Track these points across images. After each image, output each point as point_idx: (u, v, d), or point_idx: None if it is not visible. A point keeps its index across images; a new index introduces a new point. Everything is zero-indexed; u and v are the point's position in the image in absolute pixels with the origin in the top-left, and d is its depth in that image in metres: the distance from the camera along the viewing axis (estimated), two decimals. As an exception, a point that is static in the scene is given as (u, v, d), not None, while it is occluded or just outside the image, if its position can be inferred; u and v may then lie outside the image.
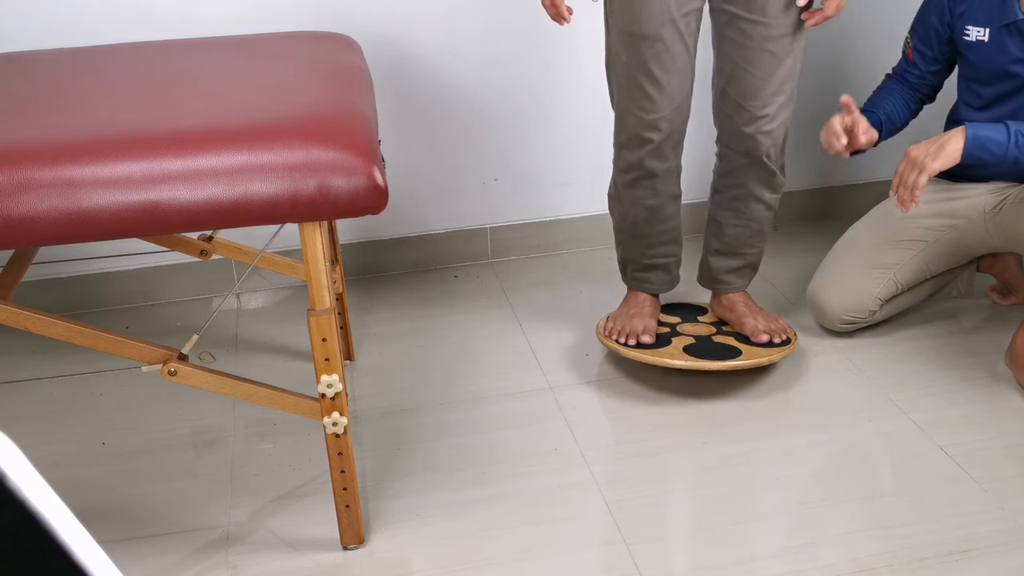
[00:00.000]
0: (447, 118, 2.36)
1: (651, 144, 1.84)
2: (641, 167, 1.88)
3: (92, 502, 1.70)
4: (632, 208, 1.95)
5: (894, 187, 1.80)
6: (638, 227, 1.97)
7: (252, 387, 1.48)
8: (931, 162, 1.74)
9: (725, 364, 1.88)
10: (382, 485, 1.72)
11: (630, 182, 1.92)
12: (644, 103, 1.80)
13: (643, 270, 2.03)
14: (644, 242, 1.99)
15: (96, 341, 1.43)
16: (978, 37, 1.87)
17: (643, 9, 1.73)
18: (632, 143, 1.86)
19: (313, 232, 1.36)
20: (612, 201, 2.01)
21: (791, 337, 1.99)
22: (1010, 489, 1.65)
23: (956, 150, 1.74)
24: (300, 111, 1.38)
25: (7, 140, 1.28)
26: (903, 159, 1.80)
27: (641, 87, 1.79)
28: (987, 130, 1.74)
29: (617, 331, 1.98)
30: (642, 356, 1.91)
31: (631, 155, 1.88)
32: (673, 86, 1.79)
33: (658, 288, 2.05)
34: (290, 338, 2.20)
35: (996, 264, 2.18)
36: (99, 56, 1.68)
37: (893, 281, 2.05)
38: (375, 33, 2.21)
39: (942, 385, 1.94)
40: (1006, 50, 1.84)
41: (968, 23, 1.88)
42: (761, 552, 1.54)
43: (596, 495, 1.67)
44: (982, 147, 1.73)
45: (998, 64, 1.87)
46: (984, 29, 1.85)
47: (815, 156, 2.59)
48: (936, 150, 1.75)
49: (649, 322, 1.99)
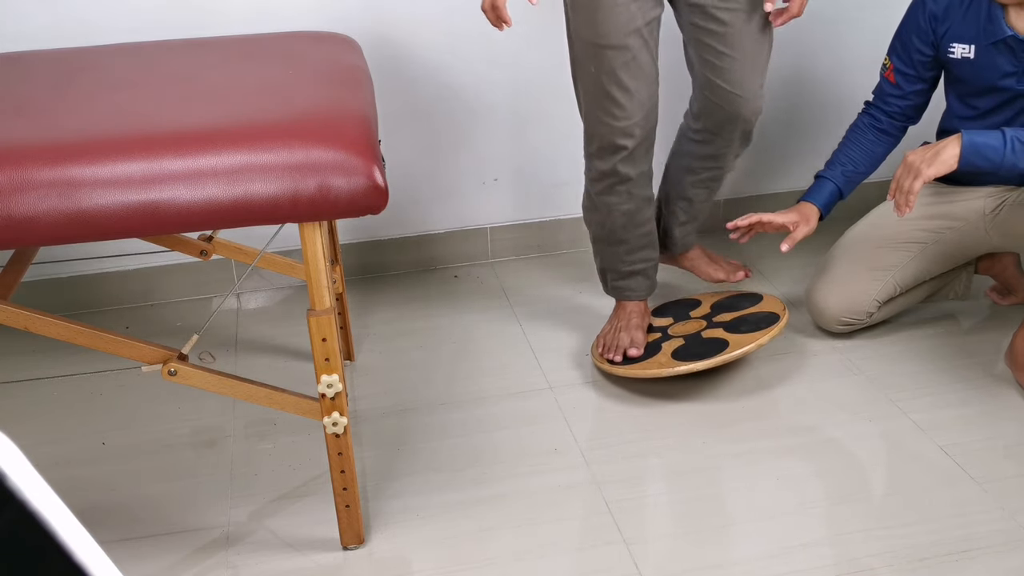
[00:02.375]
0: (447, 118, 2.36)
1: (624, 151, 1.86)
2: (615, 174, 1.89)
3: (92, 502, 1.71)
4: (608, 216, 1.96)
5: (891, 192, 1.81)
6: (615, 234, 1.99)
7: (252, 387, 1.48)
8: (927, 168, 1.74)
9: (711, 362, 1.88)
10: (382, 485, 1.72)
11: (604, 190, 1.93)
12: (615, 111, 1.82)
13: (623, 278, 2.04)
14: (623, 248, 2.00)
15: (96, 341, 1.42)
16: (963, 54, 1.85)
17: (608, 21, 1.75)
18: (604, 152, 1.88)
19: (313, 232, 1.36)
20: (587, 212, 2.02)
21: (746, 274, 2.21)
22: (1010, 489, 1.65)
23: (952, 157, 1.74)
24: (300, 111, 1.38)
25: (7, 140, 1.28)
26: (900, 164, 1.80)
27: (611, 96, 1.81)
28: (983, 136, 1.74)
29: (605, 346, 2.01)
30: (631, 371, 1.93)
31: (604, 163, 1.89)
32: (642, 92, 1.82)
33: (640, 295, 2.05)
34: (290, 338, 2.20)
35: (994, 265, 2.18)
36: (99, 56, 1.68)
37: (891, 283, 2.05)
38: (375, 33, 2.21)
39: (942, 385, 1.94)
40: (994, 66, 1.84)
41: (952, 41, 1.86)
42: (761, 552, 1.54)
43: (596, 495, 1.67)
44: (978, 154, 1.73)
45: (986, 80, 1.86)
46: (970, 46, 1.84)
47: (814, 157, 2.59)
48: (932, 156, 1.75)
49: (636, 334, 2.00)
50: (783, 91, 2.48)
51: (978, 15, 1.83)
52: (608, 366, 1.96)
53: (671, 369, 1.89)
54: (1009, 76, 1.83)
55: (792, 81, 2.49)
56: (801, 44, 2.44)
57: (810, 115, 2.56)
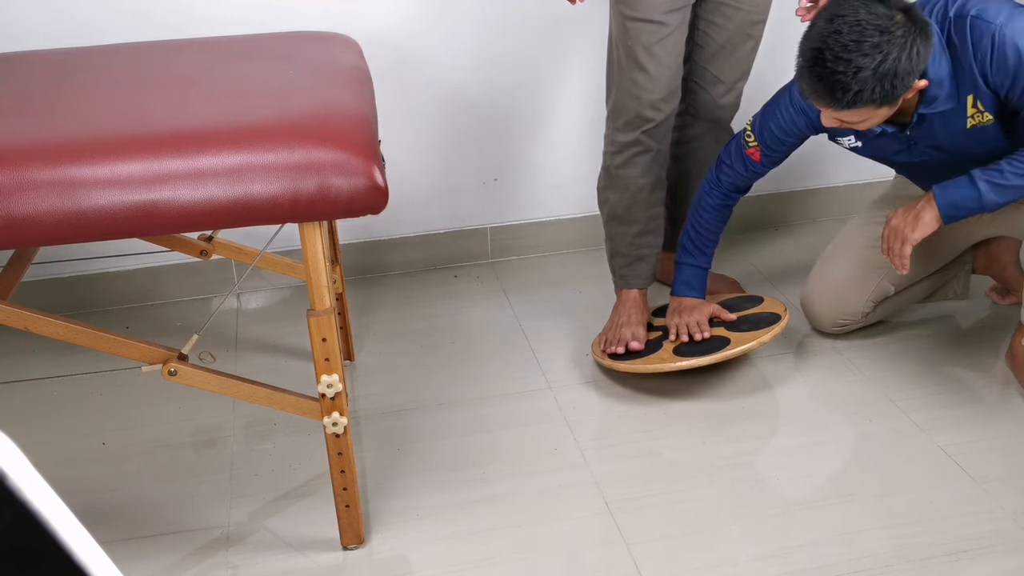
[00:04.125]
0: (447, 118, 2.36)
1: (651, 123, 1.94)
2: (638, 143, 1.96)
3: (92, 502, 1.71)
4: (624, 191, 2.02)
5: (884, 252, 1.81)
6: (630, 211, 2.03)
7: (252, 387, 1.48)
8: (911, 232, 1.75)
9: (712, 358, 1.88)
10: (382, 485, 1.72)
11: (625, 162, 1.99)
12: (647, 84, 1.90)
13: (630, 263, 2.07)
14: (634, 229, 2.04)
15: (96, 341, 1.42)
16: (851, 144, 1.84)
17: None
18: (630, 126, 1.96)
19: (313, 232, 1.36)
20: (604, 192, 2.08)
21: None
22: (1010, 489, 1.65)
23: (933, 219, 1.73)
24: (300, 111, 1.38)
25: (7, 140, 1.28)
26: (885, 225, 1.80)
27: (645, 70, 1.88)
28: (955, 190, 1.71)
29: (606, 341, 2.02)
30: (632, 367, 1.93)
31: (627, 135, 1.97)
32: (672, 70, 1.91)
33: (641, 283, 2.08)
34: (290, 338, 2.20)
35: (992, 265, 2.17)
36: (99, 56, 1.68)
37: (886, 281, 2.05)
38: (375, 33, 2.21)
39: (942, 385, 1.94)
40: (883, 148, 1.82)
41: (835, 135, 1.84)
42: (761, 552, 1.54)
43: (596, 495, 1.67)
44: (956, 207, 1.72)
45: (884, 157, 1.87)
46: (853, 136, 1.81)
47: (813, 157, 2.59)
48: (913, 220, 1.74)
49: (637, 329, 2.02)
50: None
51: None
52: (609, 361, 1.96)
53: (672, 364, 1.89)
54: (900, 153, 1.82)
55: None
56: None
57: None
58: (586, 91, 2.39)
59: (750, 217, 2.60)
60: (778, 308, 2.03)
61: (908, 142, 1.78)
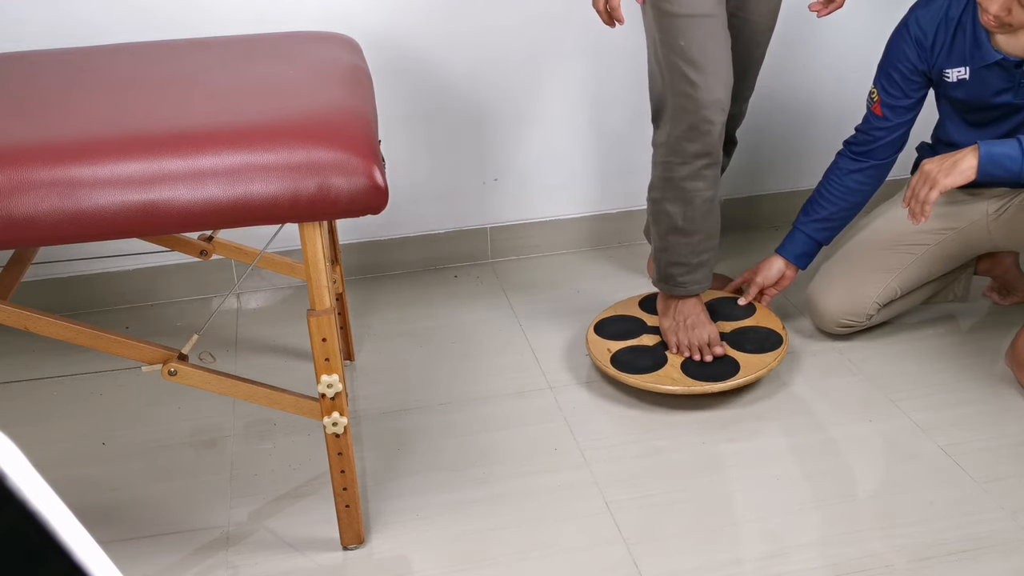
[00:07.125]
0: (447, 118, 2.36)
1: (713, 127, 1.83)
2: (708, 154, 1.86)
3: (92, 502, 1.71)
4: (689, 204, 1.91)
5: (906, 200, 1.79)
6: (694, 223, 1.93)
7: (252, 387, 1.48)
8: (944, 178, 1.72)
9: (724, 385, 1.87)
10: (382, 485, 1.72)
11: (693, 173, 1.88)
12: (706, 83, 1.80)
13: (691, 271, 1.98)
14: (696, 238, 1.95)
15: (96, 341, 1.42)
16: (959, 76, 1.86)
17: None
18: (695, 132, 1.84)
19: (313, 232, 1.36)
20: (662, 204, 1.95)
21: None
22: (1010, 489, 1.65)
23: (970, 168, 1.72)
24: (300, 111, 1.38)
25: (7, 140, 1.28)
26: (917, 172, 1.79)
27: (702, 67, 1.79)
28: (1001, 147, 1.72)
29: (679, 346, 1.96)
30: (643, 383, 1.89)
31: (696, 144, 1.85)
32: (728, 65, 1.84)
33: (703, 287, 2.01)
34: (290, 338, 2.20)
35: (994, 266, 2.18)
36: (100, 56, 1.68)
37: (893, 285, 2.05)
38: (375, 33, 2.21)
39: (942, 385, 1.94)
40: (989, 84, 1.84)
41: (945, 67, 1.87)
42: (761, 552, 1.54)
43: (596, 495, 1.67)
44: (997, 164, 1.71)
45: (982, 98, 1.87)
46: (964, 68, 1.84)
47: (816, 157, 2.59)
48: (950, 166, 1.73)
49: (711, 328, 1.97)
50: (783, 90, 2.48)
51: (964, 40, 1.83)
52: (615, 372, 1.92)
53: (686, 388, 1.87)
54: (1004, 92, 1.84)
55: (791, 79, 2.49)
56: (802, 43, 2.44)
57: (810, 115, 2.55)
58: (586, 91, 2.39)
59: (750, 217, 2.60)
60: (774, 324, 2.03)
61: (1019, 79, 1.79)
